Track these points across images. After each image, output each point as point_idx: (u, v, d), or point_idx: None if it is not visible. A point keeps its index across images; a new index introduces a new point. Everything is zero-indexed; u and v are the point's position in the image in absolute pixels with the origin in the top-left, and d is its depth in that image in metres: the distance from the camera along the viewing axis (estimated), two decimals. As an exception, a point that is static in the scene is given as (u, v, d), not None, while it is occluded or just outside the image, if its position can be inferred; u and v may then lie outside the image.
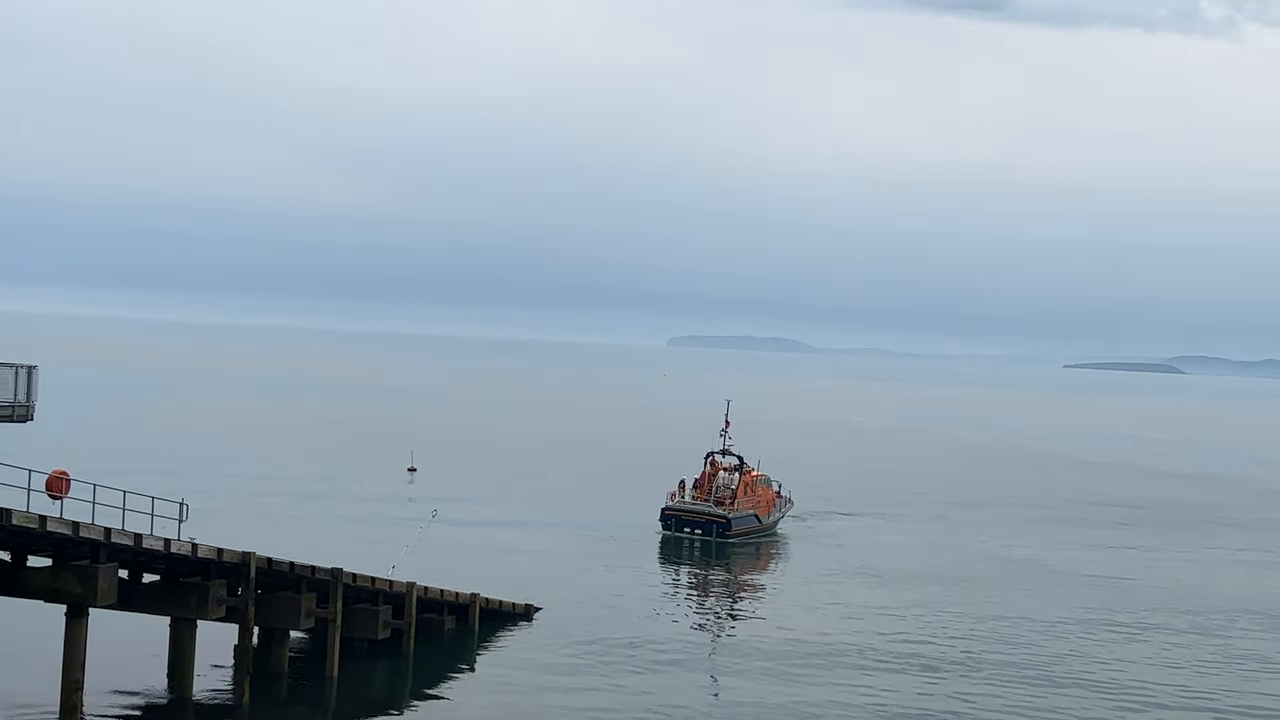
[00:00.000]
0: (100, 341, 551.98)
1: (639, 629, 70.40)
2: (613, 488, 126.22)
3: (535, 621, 69.98)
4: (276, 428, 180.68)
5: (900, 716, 55.36)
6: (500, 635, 66.60)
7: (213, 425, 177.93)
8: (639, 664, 62.96)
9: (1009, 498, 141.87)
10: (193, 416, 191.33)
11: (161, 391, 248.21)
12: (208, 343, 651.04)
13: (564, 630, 68.09)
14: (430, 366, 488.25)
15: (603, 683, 58.78)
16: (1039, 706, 57.86)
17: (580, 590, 79.81)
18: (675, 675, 60.84)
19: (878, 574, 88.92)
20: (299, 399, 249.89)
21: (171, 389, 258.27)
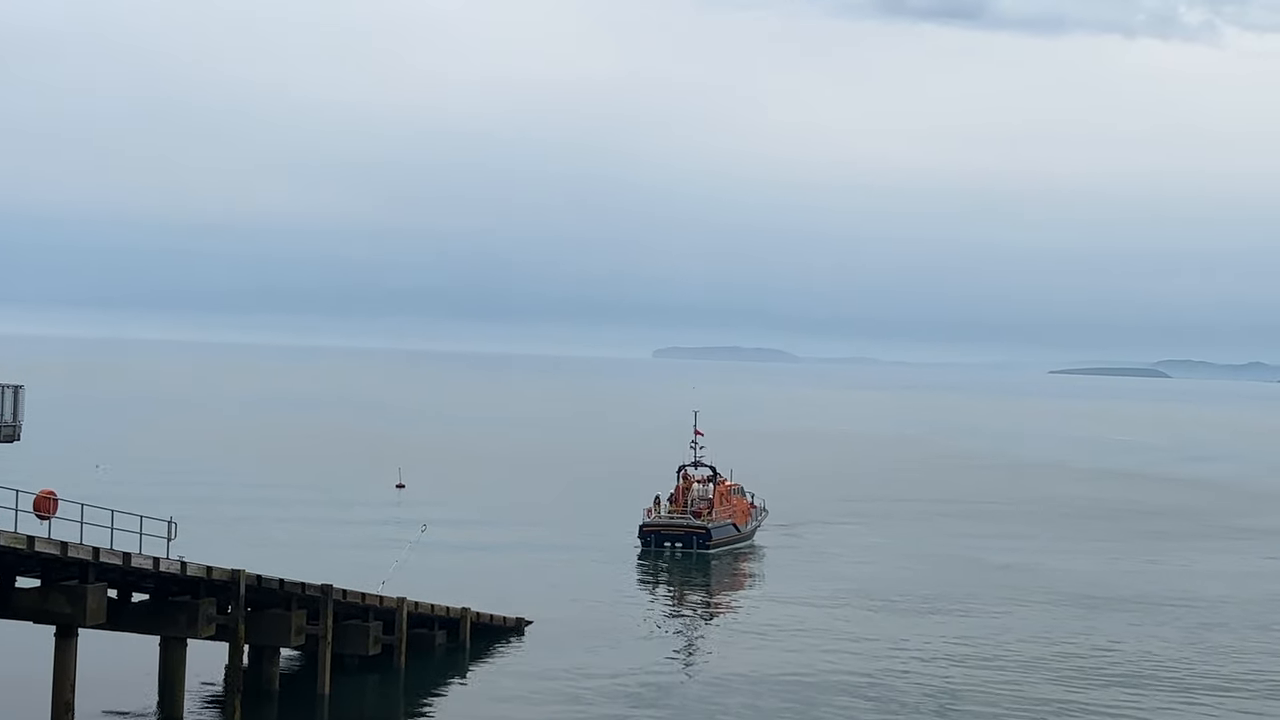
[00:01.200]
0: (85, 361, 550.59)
1: (630, 642, 70.35)
2: (599, 500, 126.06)
3: (526, 635, 69.80)
4: (264, 445, 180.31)
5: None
6: (492, 649, 66.42)
7: (200, 443, 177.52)
8: (631, 678, 62.82)
9: (991, 504, 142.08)
10: (179, 435, 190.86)
11: (147, 410, 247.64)
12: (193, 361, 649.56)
13: (555, 644, 67.92)
14: (416, 382, 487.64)
15: (595, 697, 58.61)
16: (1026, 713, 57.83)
17: (571, 603, 79.68)
18: (666, 689, 60.71)
19: (859, 582, 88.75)
20: (285, 416, 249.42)
21: (157, 407, 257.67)
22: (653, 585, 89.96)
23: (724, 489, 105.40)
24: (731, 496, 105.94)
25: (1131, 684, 63.39)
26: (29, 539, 46.28)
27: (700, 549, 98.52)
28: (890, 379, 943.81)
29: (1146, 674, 65.49)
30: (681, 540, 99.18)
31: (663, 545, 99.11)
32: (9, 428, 45.06)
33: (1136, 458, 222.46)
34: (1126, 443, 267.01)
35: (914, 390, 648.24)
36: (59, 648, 48.30)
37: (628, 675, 62.90)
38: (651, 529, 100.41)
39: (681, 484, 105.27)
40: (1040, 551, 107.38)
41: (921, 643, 70.60)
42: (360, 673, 60.20)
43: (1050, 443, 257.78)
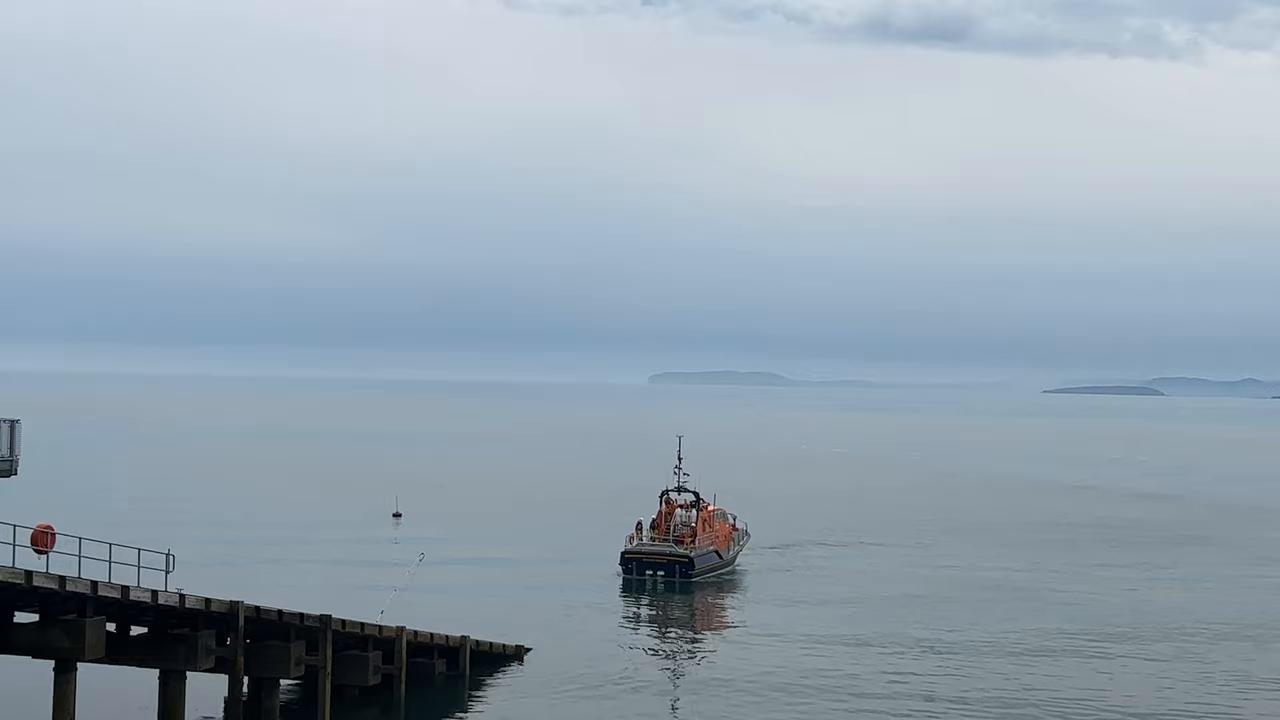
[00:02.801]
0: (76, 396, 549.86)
1: (627, 670, 70.25)
2: (595, 526, 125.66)
3: (526, 663, 69.67)
4: (259, 477, 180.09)
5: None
6: (492, 677, 66.28)
7: (195, 476, 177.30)
8: (630, 706, 62.77)
9: (984, 523, 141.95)
10: (174, 468, 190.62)
11: (141, 444, 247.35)
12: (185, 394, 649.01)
13: (555, 671, 67.78)
14: (409, 412, 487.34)
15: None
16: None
17: (569, 630, 79.58)
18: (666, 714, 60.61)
19: (851, 605, 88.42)
20: (280, 448, 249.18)
21: (151, 441, 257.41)
22: (645, 613, 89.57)
23: (706, 514, 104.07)
24: (714, 521, 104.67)
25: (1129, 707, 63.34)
26: (27, 574, 46.21)
27: (683, 578, 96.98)
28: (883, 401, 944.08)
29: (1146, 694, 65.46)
30: (664, 569, 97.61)
31: (644, 573, 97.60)
32: (6, 462, 45.05)
33: (1128, 474, 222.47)
34: (1120, 460, 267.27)
35: (906, 412, 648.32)
36: (58, 682, 48.20)
37: (627, 703, 62.81)
38: (634, 556, 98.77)
39: (664, 509, 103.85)
40: (1034, 571, 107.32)
41: (911, 663, 70.61)
42: (360, 703, 60.03)
43: (1044, 462, 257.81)
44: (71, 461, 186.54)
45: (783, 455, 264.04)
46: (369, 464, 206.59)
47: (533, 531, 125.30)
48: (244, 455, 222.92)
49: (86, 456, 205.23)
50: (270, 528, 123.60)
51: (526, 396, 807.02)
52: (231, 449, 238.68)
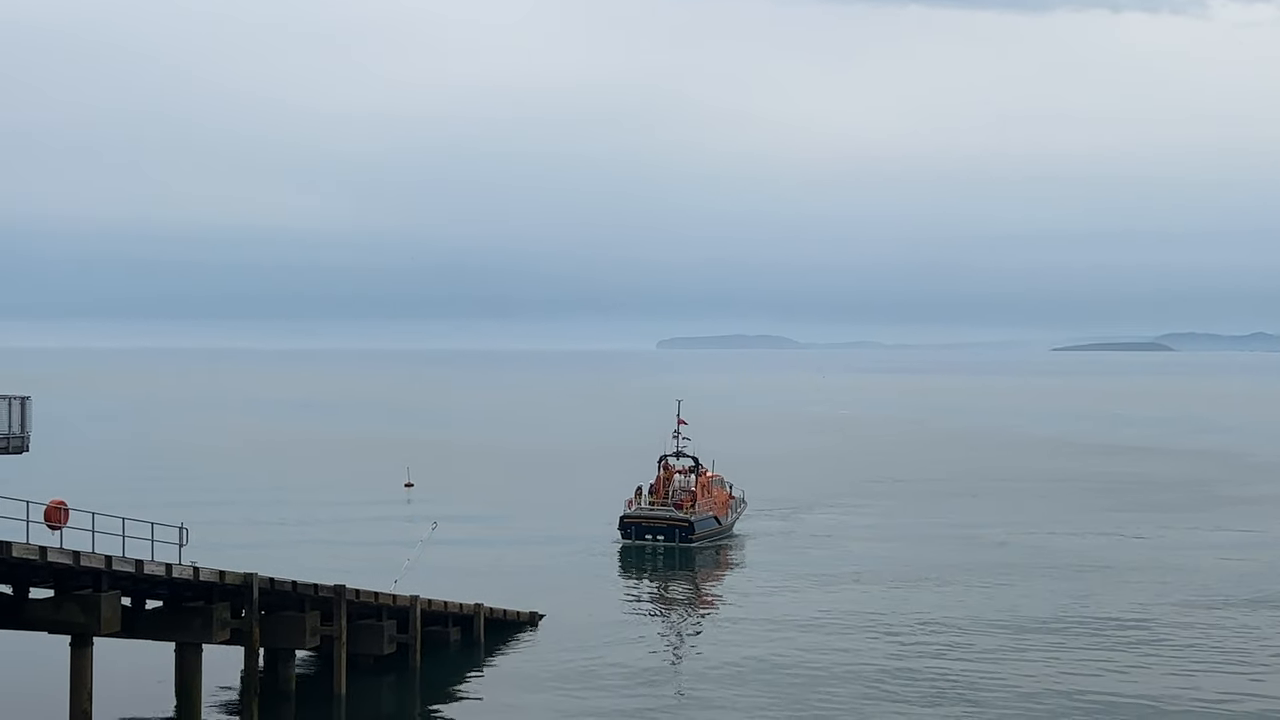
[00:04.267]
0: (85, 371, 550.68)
1: (641, 634, 70.58)
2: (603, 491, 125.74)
3: (540, 629, 69.88)
4: (270, 449, 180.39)
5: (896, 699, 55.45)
6: (506, 645, 66.47)
7: (206, 449, 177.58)
8: (645, 669, 62.98)
9: (992, 482, 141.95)
10: (185, 442, 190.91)
11: (150, 418, 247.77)
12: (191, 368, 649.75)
13: (570, 637, 67.96)
14: (418, 382, 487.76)
15: (612, 688, 58.64)
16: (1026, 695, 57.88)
17: (582, 596, 79.75)
18: (681, 678, 60.81)
19: (858, 569, 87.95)
20: (289, 420, 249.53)
21: (160, 415, 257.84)
22: (653, 578, 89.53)
23: (705, 480, 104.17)
24: (712, 488, 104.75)
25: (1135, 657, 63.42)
26: (41, 550, 46.34)
27: (683, 542, 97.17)
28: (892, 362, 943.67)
29: (1149, 647, 65.50)
30: (664, 533, 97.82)
31: (644, 537, 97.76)
32: (17, 439, 45.09)
33: (1138, 431, 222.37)
34: (1128, 416, 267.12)
35: (915, 373, 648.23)
36: (75, 657, 48.37)
37: (642, 666, 63.01)
38: (633, 520, 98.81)
39: (662, 474, 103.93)
40: (1042, 528, 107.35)
41: (917, 623, 70.69)
42: (376, 672, 60.25)
43: (1052, 420, 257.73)
44: (82, 438, 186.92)
45: (793, 419, 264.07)
46: (378, 435, 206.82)
47: (541, 498, 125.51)
48: (252, 428, 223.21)
49: (97, 432, 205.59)
50: (282, 499, 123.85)
51: (533, 365, 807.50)
52: (240, 422, 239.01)
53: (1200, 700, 55.98)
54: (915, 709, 54.79)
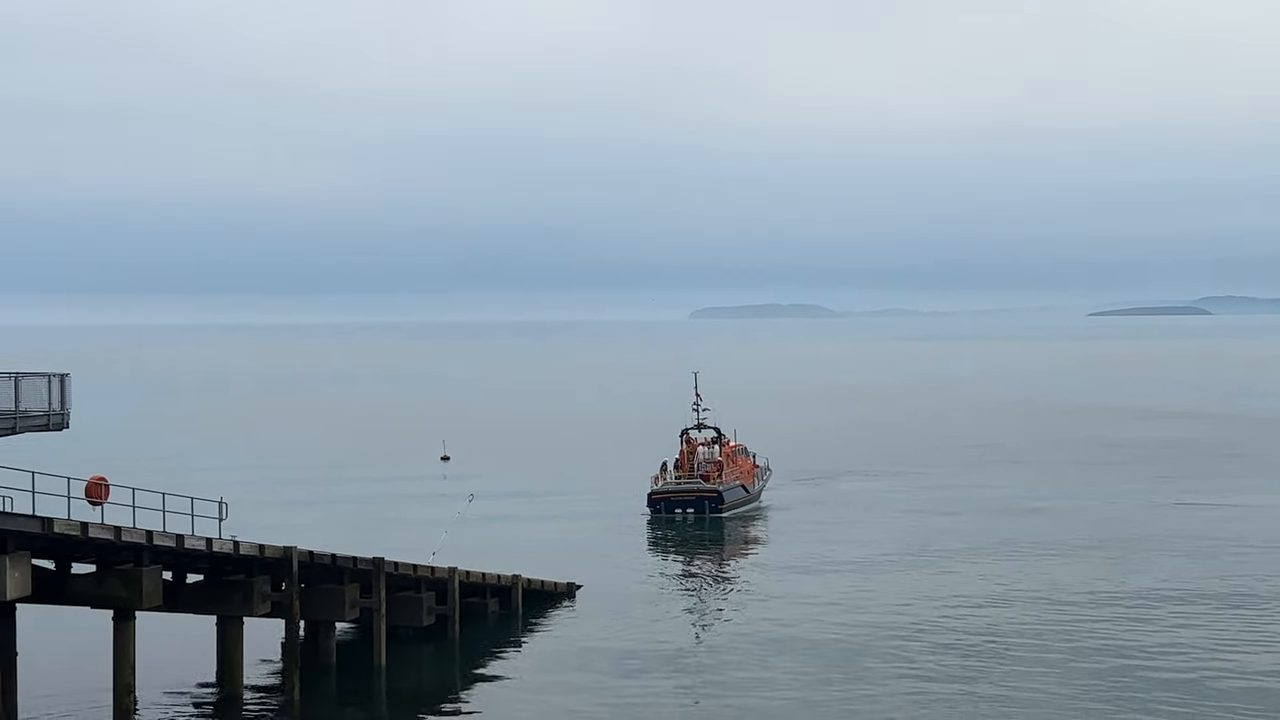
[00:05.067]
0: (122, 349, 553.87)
1: (677, 605, 70.81)
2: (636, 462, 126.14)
3: (578, 600, 70.13)
4: (305, 423, 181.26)
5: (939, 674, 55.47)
6: (544, 615, 66.74)
7: (243, 424, 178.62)
8: (683, 640, 63.22)
9: (1030, 450, 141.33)
10: (221, 416, 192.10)
11: (187, 394, 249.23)
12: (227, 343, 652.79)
13: (607, 607, 68.16)
14: (450, 354, 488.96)
15: (650, 659, 58.78)
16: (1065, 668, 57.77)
17: (617, 567, 79.99)
18: (717, 648, 60.93)
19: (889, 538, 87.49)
20: (325, 393, 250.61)
21: (197, 391, 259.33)
22: (688, 549, 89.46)
23: (729, 450, 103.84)
24: (737, 457, 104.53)
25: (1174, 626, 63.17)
26: (83, 525, 46.72)
27: (712, 513, 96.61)
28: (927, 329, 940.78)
29: (1188, 616, 65.22)
30: (693, 505, 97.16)
31: (673, 511, 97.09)
32: (57, 416, 45.43)
33: (1176, 396, 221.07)
34: (1165, 381, 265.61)
35: (950, 340, 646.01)
36: (117, 631, 48.80)
37: (679, 637, 63.20)
38: (661, 496, 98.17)
39: (685, 448, 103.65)
40: (1079, 495, 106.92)
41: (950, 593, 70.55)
42: (415, 643, 60.62)
43: (1088, 385, 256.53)
44: (120, 413, 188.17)
45: (825, 388, 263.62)
46: (414, 408, 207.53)
47: (573, 470, 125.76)
48: (289, 402, 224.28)
49: (135, 408, 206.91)
50: (319, 473, 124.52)
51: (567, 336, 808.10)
52: (276, 396, 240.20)
53: (1243, 671, 55.55)
54: (950, 682, 54.73)
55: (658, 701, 51.89)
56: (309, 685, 53.58)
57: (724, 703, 51.74)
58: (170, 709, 51.02)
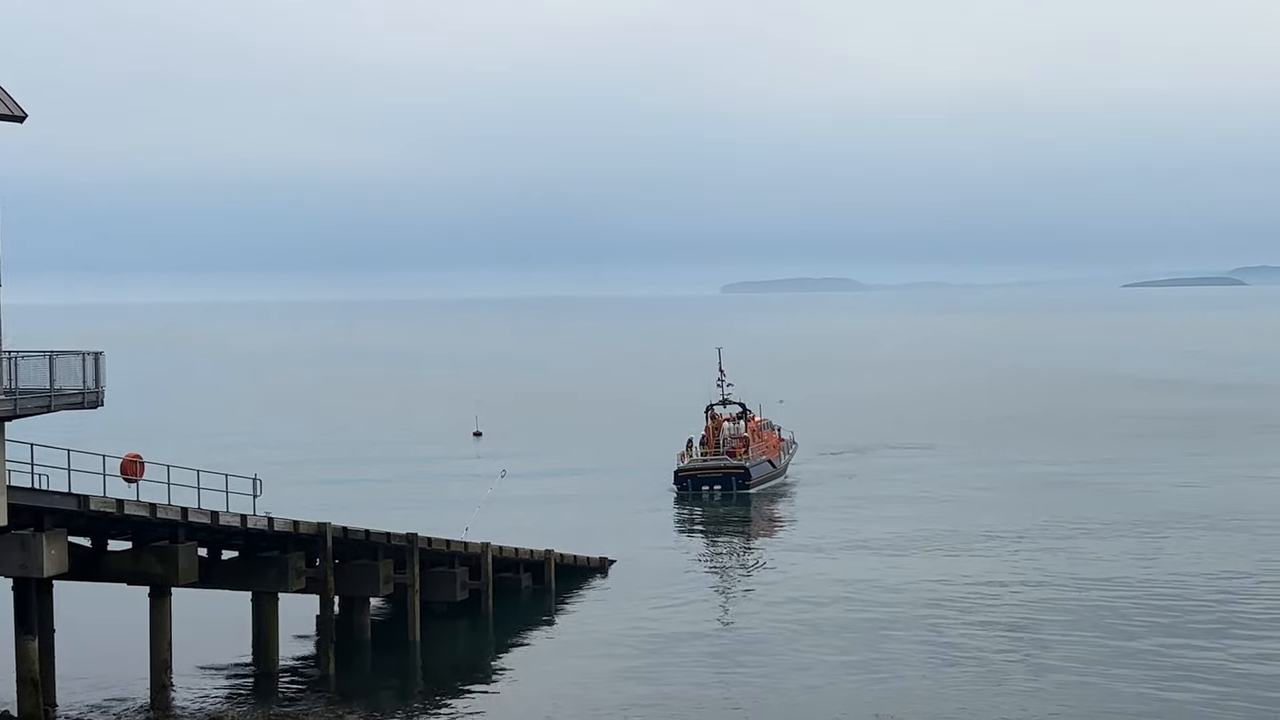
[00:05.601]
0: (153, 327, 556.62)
1: (712, 580, 70.94)
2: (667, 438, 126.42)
3: (611, 575, 70.29)
4: (337, 400, 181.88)
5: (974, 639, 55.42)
6: (577, 590, 66.90)
7: (275, 401, 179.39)
8: (716, 615, 63.35)
9: (1064, 423, 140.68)
10: (254, 393, 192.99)
11: (219, 371, 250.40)
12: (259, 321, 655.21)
13: (639, 583, 68.27)
14: (482, 331, 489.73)
15: (684, 634, 58.88)
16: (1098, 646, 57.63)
17: (649, 541, 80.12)
18: (752, 627, 61.01)
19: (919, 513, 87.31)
20: (356, 370, 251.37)
21: (229, 368, 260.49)
22: (720, 524, 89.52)
23: (754, 425, 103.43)
24: (763, 432, 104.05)
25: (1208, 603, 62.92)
26: (119, 502, 47.10)
27: (739, 489, 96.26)
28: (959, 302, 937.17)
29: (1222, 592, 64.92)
30: (720, 482, 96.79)
31: (700, 489, 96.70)
32: (92, 394, 45.64)
33: (1212, 367, 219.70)
34: (1201, 353, 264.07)
35: (983, 312, 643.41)
36: (154, 607, 49.18)
37: (713, 613, 63.37)
38: (688, 473, 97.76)
39: (710, 424, 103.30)
40: (1113, 468, 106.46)
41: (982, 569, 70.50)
42: (449, 619, 60.90)
43: (1124, 357, 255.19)
44: (153, 391, 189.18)
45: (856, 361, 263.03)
46: (445, 384, 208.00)
47: (606, 446, 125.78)
48: (320, 379, 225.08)
49: (167, 386, 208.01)
50: (351, 449, 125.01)
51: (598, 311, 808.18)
52: (307, 373, 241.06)
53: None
54: (980, 662, 54.67)
55: (689, 678, 51.95)
56: (344, 660, 53.92)
57: (754, 681, 51.81)
58: (207, 684, 51.41)
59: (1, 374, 43.37)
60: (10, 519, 43.90)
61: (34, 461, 46.70)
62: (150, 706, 47.95)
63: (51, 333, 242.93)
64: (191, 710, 47.70)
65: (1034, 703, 47.73)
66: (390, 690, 51.63)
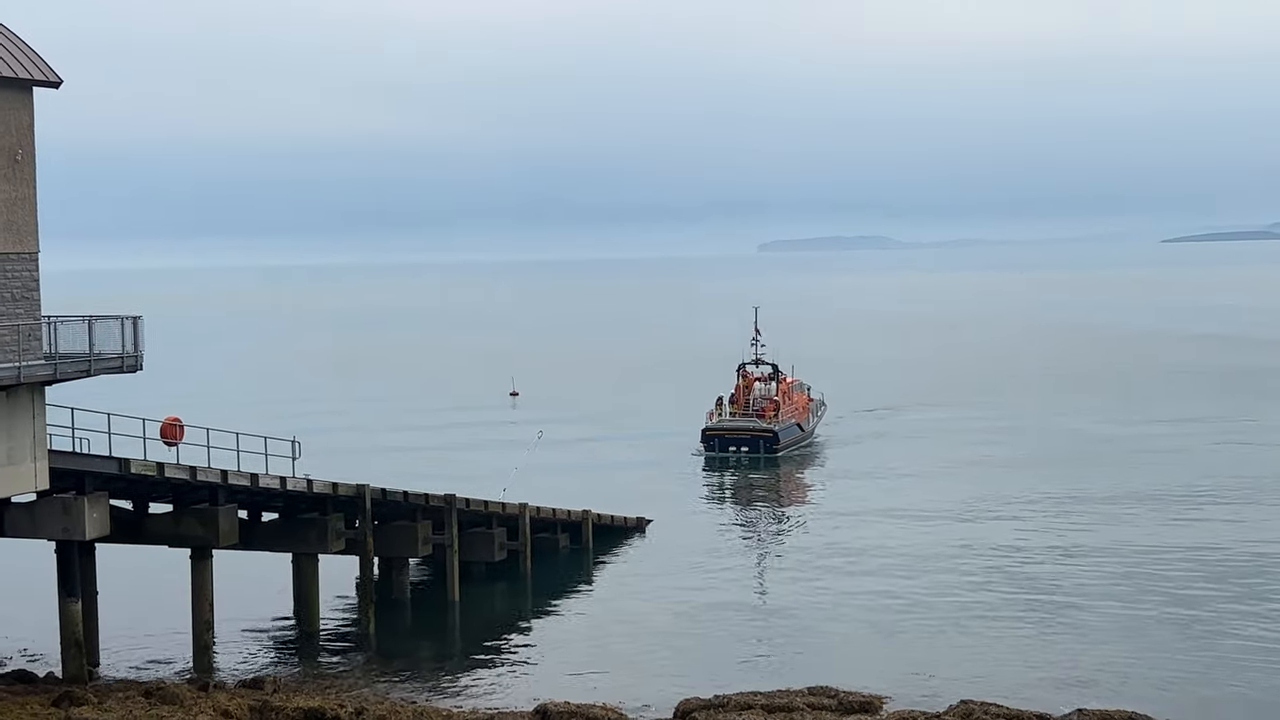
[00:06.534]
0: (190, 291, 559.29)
1: (746, 541, 71.03)
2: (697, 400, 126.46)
3: (648, 535, 70.43)
4: (374, 362, 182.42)
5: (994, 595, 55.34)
6: (615, 550, 67.09)
7: (311, 364, 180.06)
8: (752, 575, 63.46)
9: (1104, 379, 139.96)
10: (291, 357, 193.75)
11: (256, 335, 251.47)
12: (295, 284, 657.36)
13: (677, 542, 68.43)
14: (518, 292, 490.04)
15: (722, 594, 59.02)
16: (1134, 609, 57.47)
17: (688, 501, 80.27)
18: (789, 581, 61.10)
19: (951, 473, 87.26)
20: (392, 333, 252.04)
21: (266, 332, 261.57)
22: (756, 485, 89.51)
23: (785, 386, 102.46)
24: (793, 394, 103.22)
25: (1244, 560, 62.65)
26: (159, 465, 47.40)
27: (767, 452, 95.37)
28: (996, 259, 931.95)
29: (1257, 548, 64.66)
30: (747, 444, 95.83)
31: (727, 449, 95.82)
32: (131, 358, 45.88)
33: (1250, 322, 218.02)
34: (1239, 307, 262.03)
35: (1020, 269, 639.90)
36: (195, 569, 49.57)
37: (745, 575, 63.49)
38: (715, 433, 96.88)
39: (741, 383, 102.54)
40: (1154, 424, 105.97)
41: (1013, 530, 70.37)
42: (487, 579, 61.19)
43: (1162, 313, 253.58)
44: (192, 355, 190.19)
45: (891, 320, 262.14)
46: (483, 346, 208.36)
47: (642, 406, 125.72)
48: (357, 342, 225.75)
49: (206, 349, 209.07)
50: (390, 411, 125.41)
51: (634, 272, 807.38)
52: (344, 336, 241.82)
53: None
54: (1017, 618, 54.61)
55: (726, 638, 52.07)
56: (384, 620, 54.26)
57: (791, 640, 51.92)
58: (248, 645, 51.83)
59: (41, 339, 43.66)
60: (52, 483, 44.27)
61: (74, 426, 47.04)
62: (192, 667, 48.38)
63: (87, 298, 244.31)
64: (233, 671, 48.11)
65: (1075, 662, 47.64)
66: (430, 650, 51.94)
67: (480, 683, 47.25)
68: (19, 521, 46.31)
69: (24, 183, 42.64)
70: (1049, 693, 43.78)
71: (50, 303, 46.82)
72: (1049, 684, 44.93)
